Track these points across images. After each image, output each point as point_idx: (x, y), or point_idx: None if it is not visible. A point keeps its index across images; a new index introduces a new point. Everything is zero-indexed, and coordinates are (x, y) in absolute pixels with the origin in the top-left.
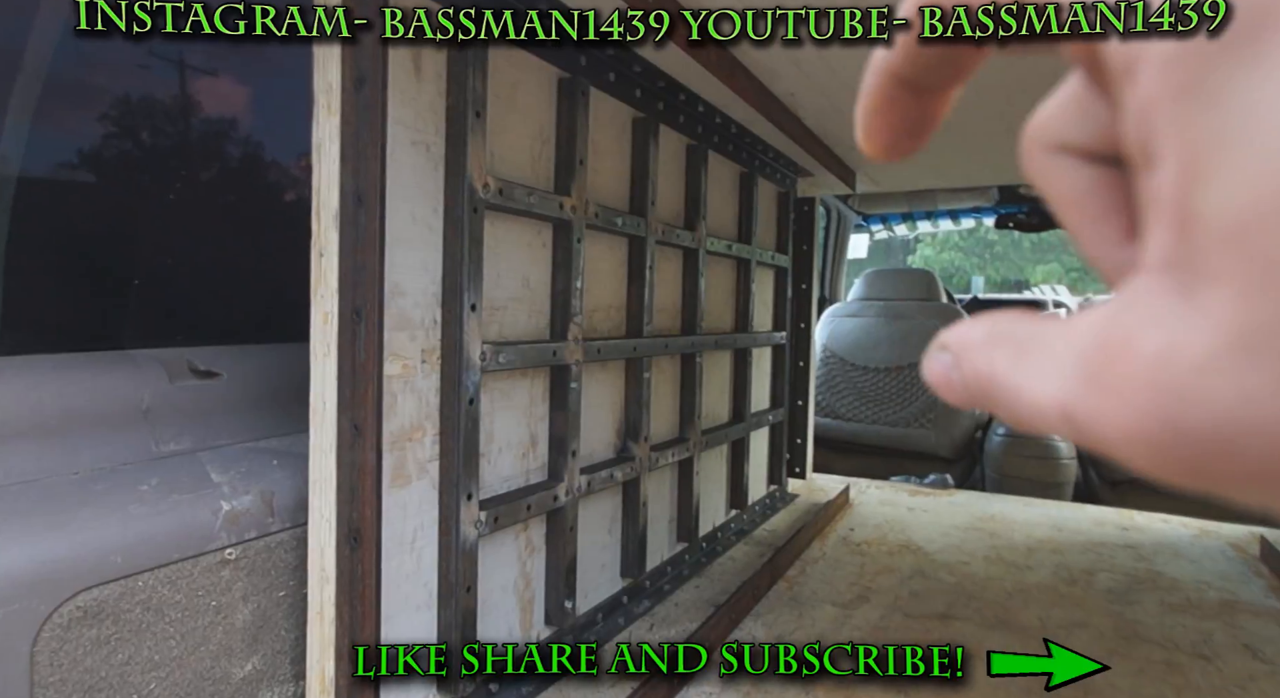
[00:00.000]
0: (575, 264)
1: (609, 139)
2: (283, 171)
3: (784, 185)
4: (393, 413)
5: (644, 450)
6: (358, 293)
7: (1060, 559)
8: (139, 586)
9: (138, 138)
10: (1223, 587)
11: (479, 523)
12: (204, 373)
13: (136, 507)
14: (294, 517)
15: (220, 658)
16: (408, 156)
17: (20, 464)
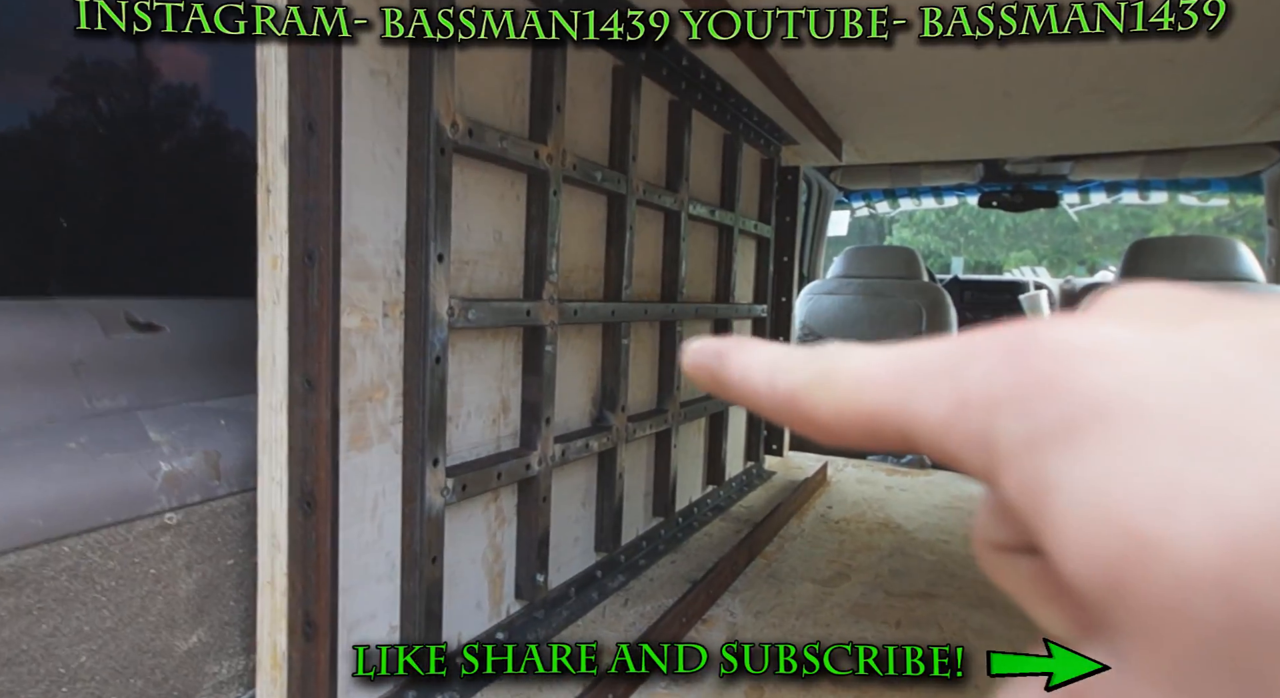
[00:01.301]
0: (551, 219)
1: (588, 87)
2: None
3: (768, 152)
4: (351, 369)
5: (621, 421)
6: (310, 234)
7: None
8: (63, 551)
9: (68, 77)
10: None
11: (445, 490)
12: (144, 326)
13: (61, 466)
14: (242, 480)
15: (161, 630)
16: (365, 87)
17: None
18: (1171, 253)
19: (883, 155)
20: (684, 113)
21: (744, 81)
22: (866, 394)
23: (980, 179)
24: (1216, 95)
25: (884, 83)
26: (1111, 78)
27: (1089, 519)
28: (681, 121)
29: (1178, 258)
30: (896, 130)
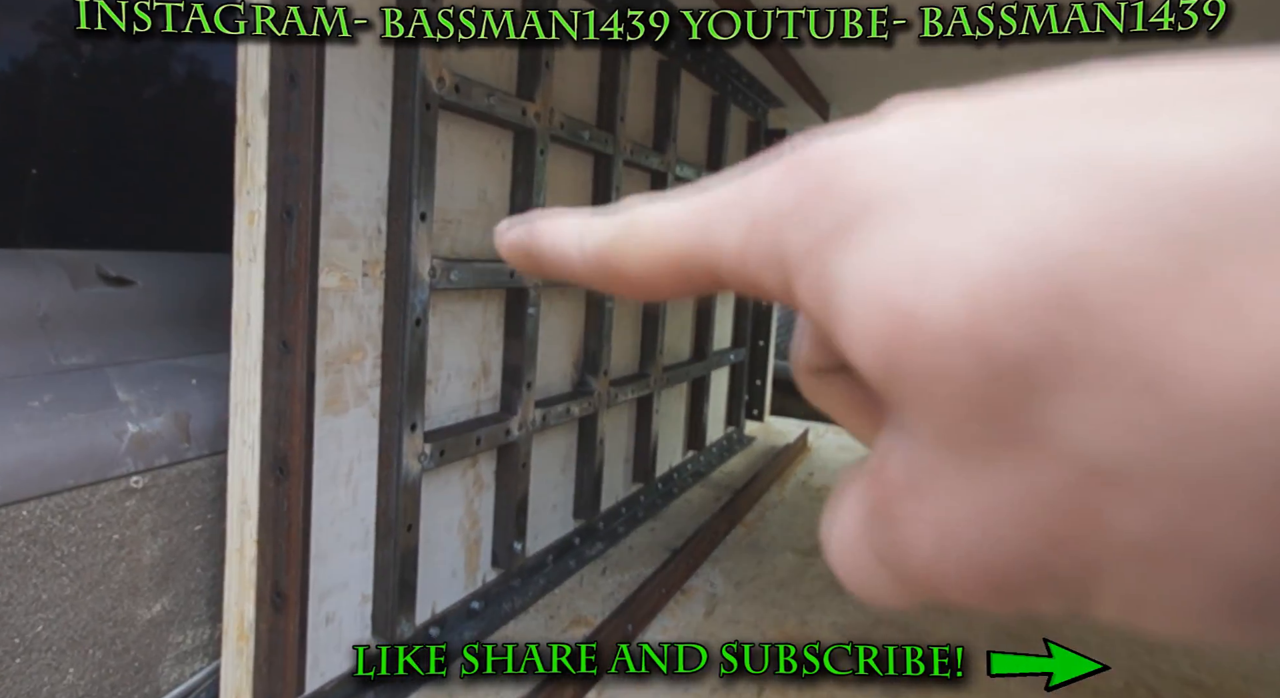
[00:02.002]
0: (537, 178)
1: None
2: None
3: (755, 114)
4: (329, 330)
5: (603, 385)
6: (289, 190)
7: None
8: (21, 515)
9: (47, 21)
10: None
11: (423, 456)
12: (115, 280)
13: (21, 426)
14: (213, 443)
15: (123, 598)
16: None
17: None
18: None
19: None
20: (673, 73)
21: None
22: (668, 237)
23: None
24: None
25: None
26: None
27: (862, 306)
28: (671, 82)
29: None
30: (885, 95)
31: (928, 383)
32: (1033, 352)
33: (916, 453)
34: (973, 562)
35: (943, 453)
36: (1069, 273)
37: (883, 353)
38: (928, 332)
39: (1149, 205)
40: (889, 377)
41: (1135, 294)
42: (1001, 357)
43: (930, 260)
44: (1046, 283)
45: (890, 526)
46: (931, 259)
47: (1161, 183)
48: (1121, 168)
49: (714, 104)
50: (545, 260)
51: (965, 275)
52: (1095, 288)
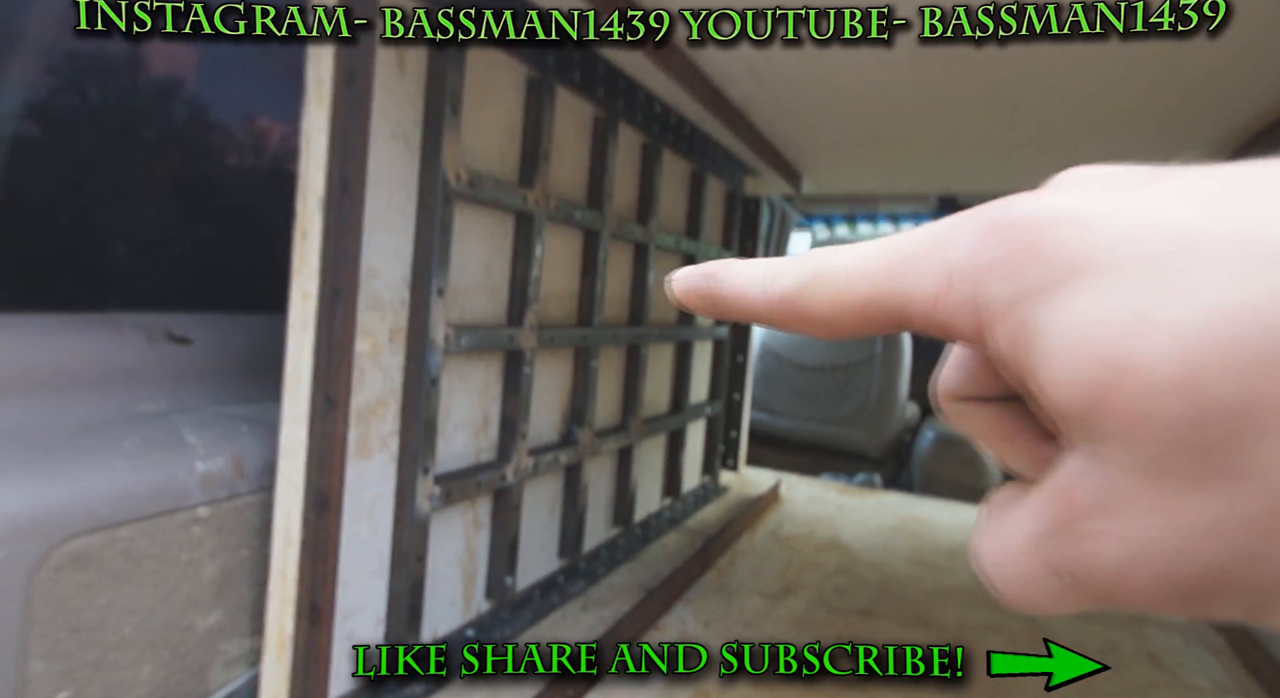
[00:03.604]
0: (534, 254)
1: (571, 134)
2: (249, 144)
3: (732, 184)
4: (360, 388)
5: (588, 436)
6: (337, 274)
7: None
8: (120, 536)
9: (126, 112)
10: None
11: (432, 497)
12: (178, 339)
13: (121, 462)
14: (260, 481)
15: (187, 609)
16: (388, 147)
17: (14, 417)
18: None
19: (840, 188)
20: (655, 153)
21: (710, 125)
22: (859, 285)
23: (935, 208)
24: (1145, 152)
25: (837, 131)
26: (1046, 134)
27: (1072, 352)
28: (653, 161)
29: None
30: (852, 168)
31: (1136, 422)
32: (1241, 404)
33: (1112, 478)
34: (1164, 573)
35: (1141, 480)
36: (1277, 343)
37: (1089, 394)
38: (1140, 380)
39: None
40: (1091, 414)
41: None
42: (1212, 406)
43: (1145, 322)
44: (1258, 350)
45: (1076, 540)
46: (1146, 321)
47: None
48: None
49: (693, 177)
50: (724, 301)
51: (1181, 337)
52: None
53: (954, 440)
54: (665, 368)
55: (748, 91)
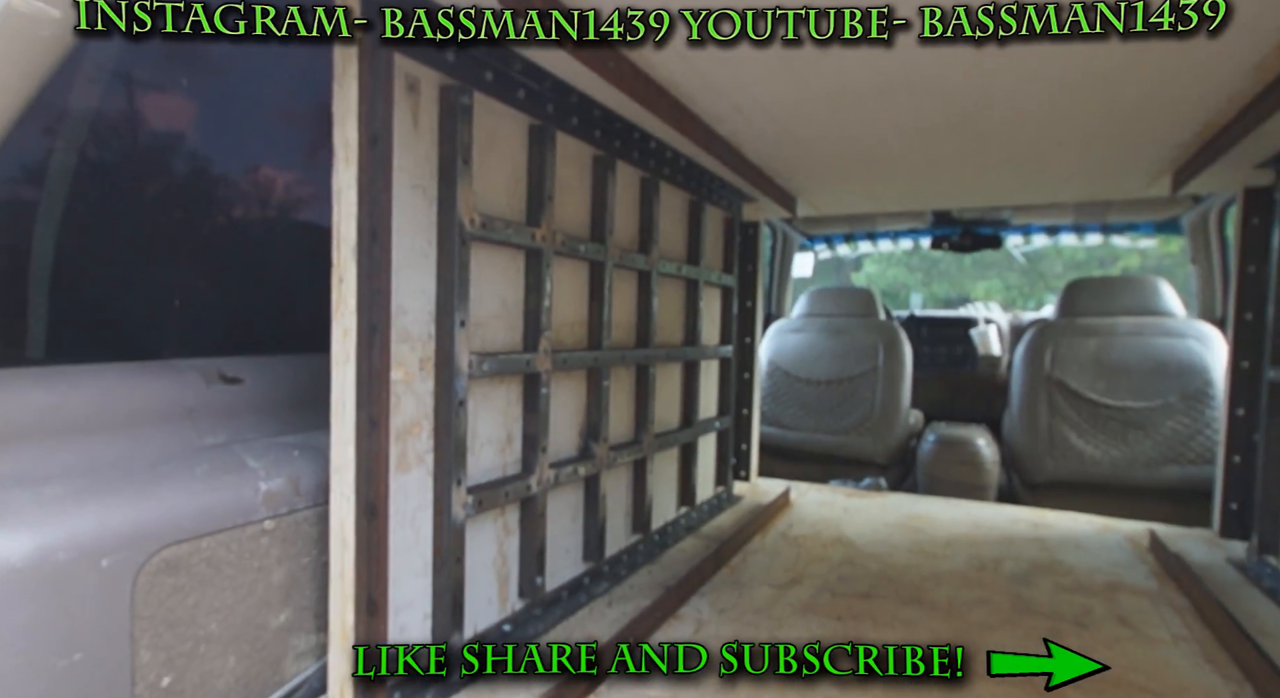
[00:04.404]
0: (545, 286)
1: (573, 175)
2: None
3: (730, 211)
4: (398, 411)
5: (603, 450)
6: (372, 312)
7: (974, 551)
8: (203, 546)
9: (171, 172)
10: (1111, 572)
11: (466, 505)
12: (230, 379)
13: (198, 484)
14: (314, 497)
15: (261, 609)
16: (409, 198)
17: (102, 452)
18: (1101, 291)
19: (835, 209)
20: (653, 187)
21: (704, 158)
22: None
23: (931, 224)
24: (1108, 165)
25: (824, 159)
26: (1017, 152)
27: None
28: (651, 194)
29: (1106, 295)
30: (844, 190)
31: None
32: None
33: None
34: None
35: None
36: None
37: None
38: None
39: None
40: None
41: None
42: None
43: None
44: None
45: None
46: None
47: None
48: None
49: (691, 206)
50: None
51: None
52: None
53: (954, 442)
54: (674, 386)
55: (735, 128)
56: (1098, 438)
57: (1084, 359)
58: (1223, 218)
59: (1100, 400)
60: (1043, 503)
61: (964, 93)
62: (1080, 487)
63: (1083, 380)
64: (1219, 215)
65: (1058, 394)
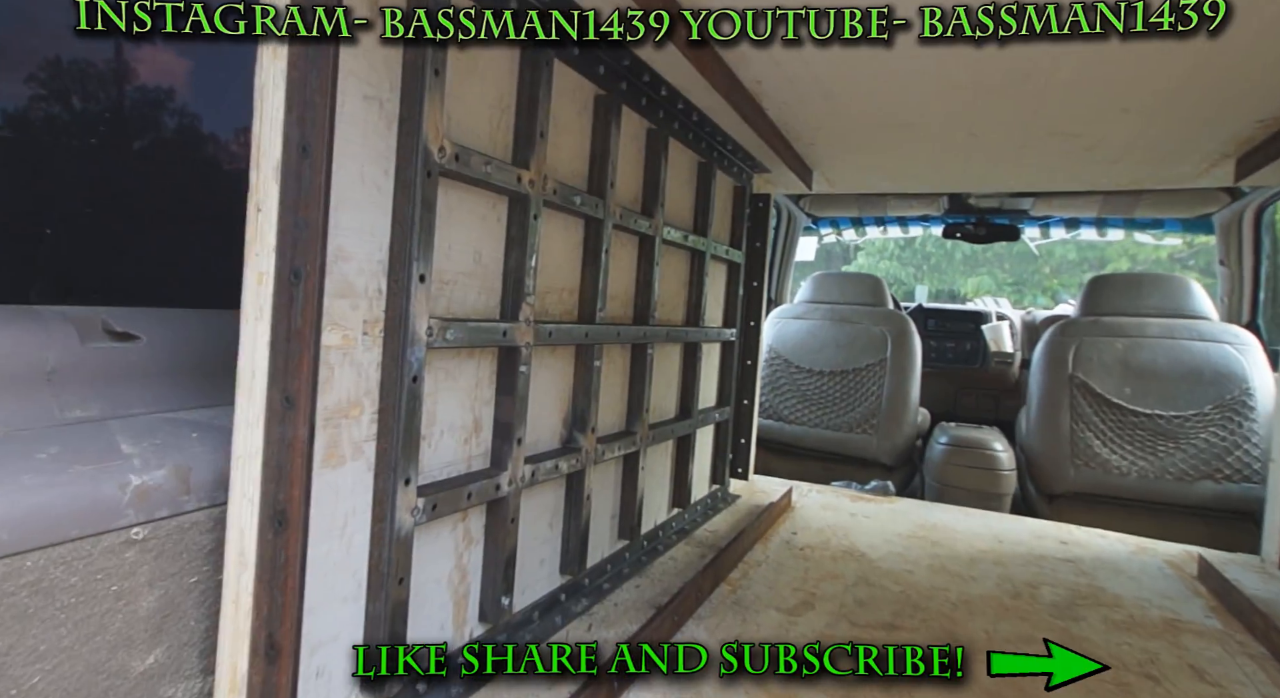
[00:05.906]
0: (530, 241)
1: (570, 115)
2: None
3: (741, 180)
4: (329, 387)
5: (591, 442)
6: (297, 253)
7: (1003, 571)
8: (26, 566)
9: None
10: (1164, 605)
11: (416, 510)
12: (120, 335)
13: (30, 477)
14: (212, 495)
15: (118, 649)
16: (359, 110)
17: None
18: (1128, 289)
19: (851, 186)
20: (661, 141)
21: (720, 113)
22: None
23: (945, 211)
24: (1171, 143)
25: (854, 119)
26: (1071, 122)
27: None
28: (659, 149)
29: (1134, 294)
30: (865, 163)
31: None
32: None
33: None
34: None
35: None
36: None
37: None
38: None
39: None
40: None
41: None
42: None
43: None
44: None
45: None
46: None
47: None
48: None
49: (700, 170)
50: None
51: None
52: None
53: (968, 446)
54: (673, 370)
55: (760, 72)
56: (1124, 447)
57: (1110, 361)
58: (1259, 217)
59: (1127, 406)
60: (1062, 516)
61: (1032, 47)
62: (1104, 500)
63: (1108, 384)
64: (1256, 214)
65: (1080, 397)
